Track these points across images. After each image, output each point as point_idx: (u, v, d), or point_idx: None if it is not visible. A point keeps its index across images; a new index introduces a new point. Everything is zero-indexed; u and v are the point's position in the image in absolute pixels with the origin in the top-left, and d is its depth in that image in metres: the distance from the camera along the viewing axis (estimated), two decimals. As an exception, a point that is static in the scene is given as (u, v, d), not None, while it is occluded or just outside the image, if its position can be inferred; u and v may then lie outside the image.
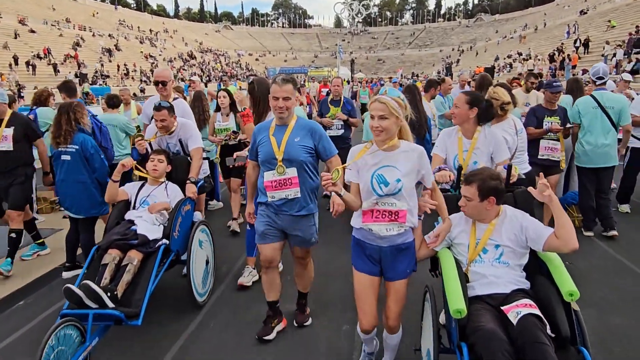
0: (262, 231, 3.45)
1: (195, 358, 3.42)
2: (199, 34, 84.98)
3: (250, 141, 3.66)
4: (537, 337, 2.19)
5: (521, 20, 73.74)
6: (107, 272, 3.43)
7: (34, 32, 47.28)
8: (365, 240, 2.79)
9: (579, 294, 2.38)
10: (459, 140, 3.55)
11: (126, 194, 4.15)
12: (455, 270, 2.65)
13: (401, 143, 2.74)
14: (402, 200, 2.67)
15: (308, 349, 3.54)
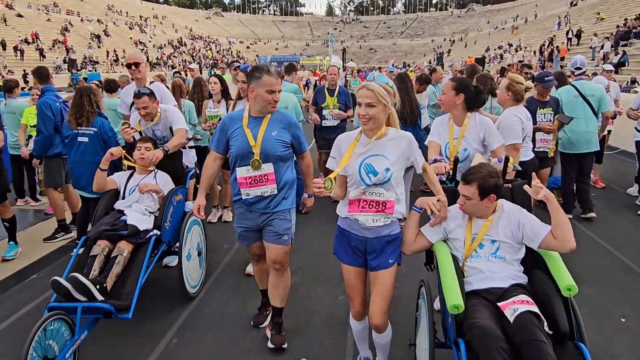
0: (239, 234, 3.36)
1: (189, 349, 3.41)
2: (189, 21, 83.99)
3: None
4: (534, 335, 2.15)
5: (512, 11, 73.84)
6: (96, 263, 3.35)
7: (21, 17, 46.56)
8: (351, 231, 2.70)
9: (577, 288, 2.33)
10: (450, 127, 3.52)
11: (115, 183, 4.07)
12: (452, 265, 2.58)
13: (389, 130, 2.65)
14: (390, 190, 2.59)
15: (307, 315, 3.81)
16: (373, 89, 2.51)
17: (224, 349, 3.41)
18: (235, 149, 3.11)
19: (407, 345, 3.00)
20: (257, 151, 3.08)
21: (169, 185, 4.13)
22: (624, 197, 6.94)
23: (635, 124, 6.49)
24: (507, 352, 2.14)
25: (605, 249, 5.13)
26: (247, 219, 3.26)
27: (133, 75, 4.77)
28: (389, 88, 2.56)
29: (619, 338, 3.48)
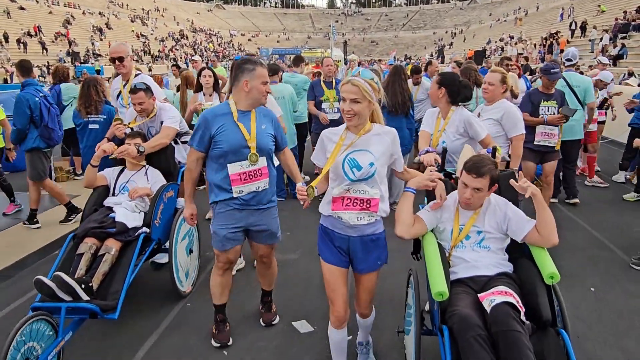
0: (224, 236, 3.12)
1: (177, 347, 3.32)
2: (191, 13, 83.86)
3: None
4: (509, 325, 2.18)
5: (515, 3, 73.56)
6: (82, 262, 3.27)
7: (23, 9, 46.69)
8: (334, 230, 2.62)
9: (559, 277, 2.40)
10: (438, 120, 3.70)
11: (105, 179, 3.99)
12: (438, 254, 2.59)
13: (373, 126, 2.61)
14: (374, 187, 2.54)
15: (306, 286, 4.15)
16: (358, 85, 2.46)
17: (212, 348, 3.31)
18: (226, 144, 2.98)
19: (396, 333, 3.10)
20: (254, 145, 3.03)
21: (160, 182, 4.03)
22: (610, 184, 7.24)
23: (627, 115, 6.76)
24: (484, 339, 2.20)
25: (583, 227, 5.54)
26: (235, 219, 3.11)
27: (117, 70, 4.62)
28: (374, 84, 2.51)
29: (586, 304, 3.83)
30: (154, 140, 4.04)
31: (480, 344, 2.18)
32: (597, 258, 4.65)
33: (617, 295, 3.96)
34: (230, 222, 3.10)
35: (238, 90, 3.05)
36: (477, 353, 2.16)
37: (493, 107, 4.22)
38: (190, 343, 3.36)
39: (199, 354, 3.23)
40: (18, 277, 4.49)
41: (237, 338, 3.38)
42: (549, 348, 2.25)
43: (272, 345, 3.32)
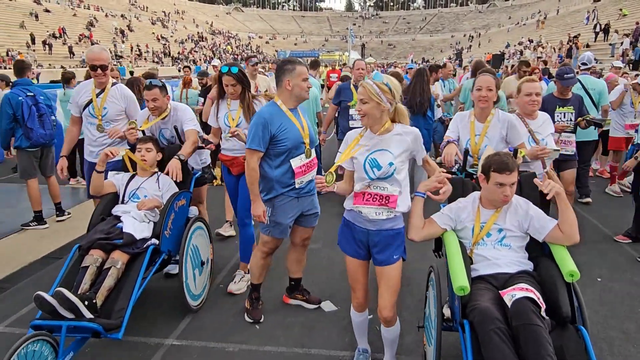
0: (287, 225, 3.41)
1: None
2: (210, 16, 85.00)
3: None
4: (529, 319, 2.23)
5: (535, 6, 73.05)
6: (87, 275, 3.07)
7: (48, 12, 47.92)
8: (355, 223, 2.75)
9: (579, 274, 2.44)
10: (471, 124, 3.50)
11: (113, 186, 3.78)
12: (459, 250, 2.65)
13: (395, 126, 2.69)
14: (394, 185, 2.63)
15: (329, 272, 4.37)
16: (365, 86, 2.57)
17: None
18: (289, 141, 3.22)
19: (416, 328, 3.14)
20: (307, 140, 3.34)
21: (171, 190, 3.80)
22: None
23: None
24: (504, 333, 2.24)
25: (593, 224, 5.71)
26: (296, 207, 3.39)
27: (97, 80, 4.18)
28: (383, 86, 2.57)
29: (592, 291, 4.05)
30: (187, 146, 3.92)
31: (500, 337, 2.22)
32: (605, 252, 4.85)
33: (622, 285, 4.17)
34: (292, 211, 3.40)
35: (282, 90, 3.28)
36: (498, 346, 2.20)
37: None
38: (200, 355, 3.24)
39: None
40: (24, 285, 4.26)
41: (267, 315, 3.68)
42: (568, 344, 2.29)
43: (299, 321, 3.61)
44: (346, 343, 3.30)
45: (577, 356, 2.25)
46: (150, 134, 4.08)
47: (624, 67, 22.21)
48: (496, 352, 2.19)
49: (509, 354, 2.18)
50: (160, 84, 3.98)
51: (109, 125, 4.22)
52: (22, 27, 40.87)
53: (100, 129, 4.24)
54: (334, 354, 3.21)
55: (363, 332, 3.05)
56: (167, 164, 3.71)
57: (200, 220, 3.97)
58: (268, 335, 3.45)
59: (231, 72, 3.73)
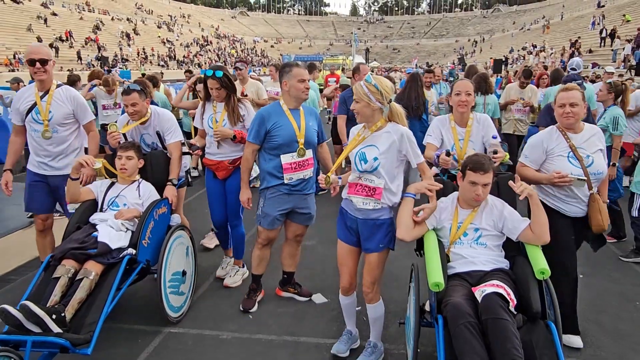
0: (274, 217, 3.60)
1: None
2: (215, 20, 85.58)
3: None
4: (497, 314, 2.34)
5: (539, 11, 73.21)
6: (57, 287, 2.93)
7: (55, 15, 48.42)
8: (347, 210, 2.99)
9: (549, 272, 2.57)
10: (453, 129, 3.56)
11: (91, 193, 3.64)
12: (437, 248, 2.77)
13: (388, 125, 2.86)
14: (380, 178, 2.81)
15: (322, 267, 4.52)
16: (356, 88, 2.82)
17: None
18: (281, 138, 3.45)
19: (397, 323, 3.32)
20: (302, 140, 3.52)
21: (152, 198, 3.68)
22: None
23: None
24: (473, 327, 2.36)
25: None
26: (286, 202, 3.59)
27: (37, 77, 3.73)
28: (372, 87, 2.76)
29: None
30: (175, 166, 3.92)
31: (470, 330, 2.34)
32: (589, 250, 4.99)
33: (601, 281, 4.36)
34: (280, 204, 3.60)
35: (283, 92, 3.57)
36: (467, 339, 2.32)
37: None
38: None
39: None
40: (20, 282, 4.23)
41: (260, 306, 3.89)
42: (538, 339, 2.41)
43: (291, 311, 3.82)
44: (334, 332, 3.49)
45: (546, 350, 2.36)
46: (131, 139, 4.00)
47: (625, 73, 22.35)
48: (465, 345, 2.31)
49: (477, 346, 2.30)
50: (139, 88, 3.94)
51: (56, 131, 3.83)
52: (29, 31, 41.31)
53: (47, 136, 3.80)
54: (321, 341, 3.40)
55: (350, 315, 3.26)
56: (164, 192, 3.78)
57: (182, 229, 3.83)
58: (260, 323, 3.64)
59: (215, 76, 3.82)
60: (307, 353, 3.29)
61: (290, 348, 3.35)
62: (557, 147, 3.21)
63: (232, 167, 4.03)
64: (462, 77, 8.76)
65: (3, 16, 41.31)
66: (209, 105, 4.06)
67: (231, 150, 4.00)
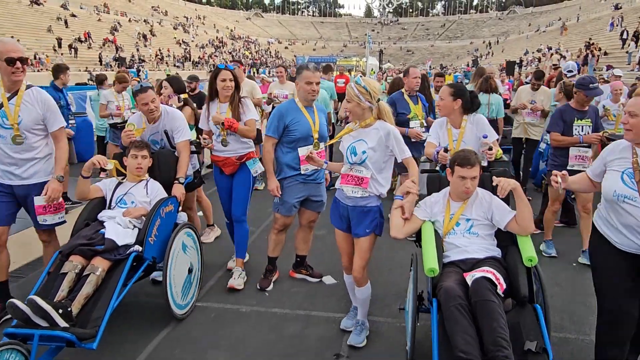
0: (291, 204, 3.95)
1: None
2: (230, 21, 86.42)
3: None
4: (485, 296, 2.51)
5: (555, 13, 72.74)
6: (65, 282, 2.99)
7: (74, 17, 49.41)
8: (339, 199, 3.30)
9: (537, 259, 2.75)
10: (449, 131, 3.78)
11: (100, 191, 3.71)
12: (432, 238, 2.97)
13: (377, 122, 3.16)
14: (368, 169, 3.11)
15: (331, 255, 4.70)
16: (348, 89, 3.13)
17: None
18: (299, 132, 3.81)
19: (397, 309, 3.51)
20: (317, 135, 3.89)
21: (160, 196, 3.72)
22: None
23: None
24: (464, 308, 2.53)
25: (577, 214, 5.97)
26: (302, 190, 3.95)
27: (15, 77, 3.39)
28: (362, 88, 3.05)
29: (565, 274, 4.58)
30: (183, 165, 3.98)
31: (460, 311, 2.51)
32: (564, 232, 5.30)
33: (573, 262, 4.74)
34: (298, 193, 3.96)
35: (297, 91, 3.95)
36: (457, 319, 2.50)
37: None
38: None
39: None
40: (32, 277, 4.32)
41: (275, 285, 4.27)
42: (525, 321, 2.62)
43: (303, 290, 4.21)
44: (342, 307, 3.82)
45: (532, 331, 2.56)
46: (141, 137, 4.01)
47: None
48: (456, 325, 2.49)
49: (467, 326, 2.48)
50: (151, 85, 4.05)
51: (25, 137, 3.44)
52: (49, 32, 42.27)
53: (19, 141, 3.43)
54: (331, 315, 3.76)
55: (354, 291, 3.49)
56: (172, 190, 3.83)
57: (189, 227, 3.89)
58: (275, 300, 4.03)
59: (228, 68, 4.12)
60: (317, 325, 3.65)
61: (302, 321, 3.71)
62: (617, 160, 2.73)
63: (239, 162, 4.23)
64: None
65: (24, 17, 42.36)
66: (213, 106, 4.20)
67: (238, 147, 4.19)
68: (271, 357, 3.27)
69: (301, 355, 3.29)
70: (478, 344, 2.44)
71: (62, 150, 3.61)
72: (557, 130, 4.75)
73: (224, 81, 4.05)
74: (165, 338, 3.48)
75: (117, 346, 3.32)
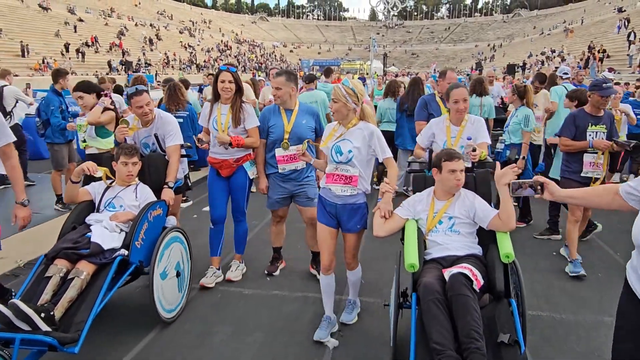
0: (274, 199, 4.24)
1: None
2: (235, 25, 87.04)
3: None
4: (460, 291, 2.61)
5: (560, 16, 72.80)
6: (49, 286, 2.97)
7: (82, 21, 50.01)
8: (326, 198, 3.38)
9: (513, 256, 2.85)
10: (447, 128, 3.89)
11: (89, 194, 3.70)
12: (414, 234, 3.06)
13: (360, 123, 3.29)
14: (355, 168, 3.24)
15: None
16: (336, 89, 3.24)
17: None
18: (274, 134, 4.08)
19: (382, 305, 3.61)
20: (287, 135, 4.05)
21: (149, 200, 3.71)
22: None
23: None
24: (440, 302, 2.62)
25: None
26: (282, 188, 4.18)
27: None
28: (349, 90, 3.20)
29: (544, 265, 4.81)
30: (172, 169, 4.00)
31: (437, 305, 2.61)
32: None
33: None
34: (278, 189, 4.23)
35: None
36: (434, 312, 2.60)
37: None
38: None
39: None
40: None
41: (280, 272, 4.66)
42: (500, 313, 2.74)
43: (301, 275, 4.60)
44: (336, 290, 3.84)
45: (506, 324, 2.68)
46: (132, 141, 4.04)
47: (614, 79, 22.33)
48: (432, 319, 2.60)
49: (442, 319, 2.58)
50: (146, 88, 4.05)
51: None
52: (57, 36, 42.86)
53: None
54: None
55: (328, 295, 3.53)
56: (161, 194, 3.82)
57: (177, 230, 3.85)
58: (275, 284, 4.43)
59: (229, 70, 4.14)
60: (313, 305, 3.98)
61: (299, 302, 4.08)
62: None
63: (236, 165, 4.25)
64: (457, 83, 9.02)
65: (33, 22, 42.97)
66: (216, 107, 4.22)
67: (235, 150, 4.18)
68: (271, 331, 3.62)
69: (298, 330, 3.62)
70: (453, 337, 2.55)
71: (15, 171, 3.26)
72: (567, 135, 4.57)
73: (222, 82, 4.09)
74: (152, 340, 3.46)
75: (102, 350, 3.32)
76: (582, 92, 5.43)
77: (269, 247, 4.74)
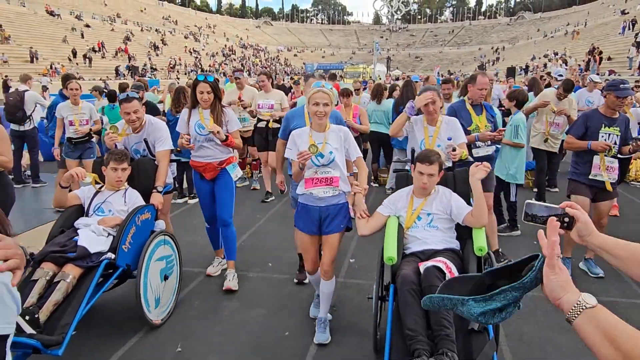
0: (294, 198, 4.07)
1: None
2: (240, 30, 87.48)
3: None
4: (432, 282, 2.72)
5: (564, 18, 72.74)
6: (35, 289, 2.97)
7: (88, 27, 50.57)
8: (308, 204, 3.36)
9: (486, 249, 2.99)
10: (425, 129, 4.00)
11: (78, 199, 3.73)
12: (395, 229, 3.18)
13: (332, 125, 3.39)
14: (335, 169, 3.28)
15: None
16: (327, 92, 3.21)
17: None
18: None
19: (366, 299, 3.78)
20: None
21: (137, 204, 3.73)
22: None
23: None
24: (416, 292, 2.76)
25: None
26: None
27: None
28: (331, 93, 3.26)
29: (526, 252, 4.90)
30: (162, 174, 4.02)
31: (412, 295, 2.75)
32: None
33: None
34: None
35: None
36: (409, 301, 2.76)
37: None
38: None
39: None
40: None
41: (275, 260, 5.08)
42: None
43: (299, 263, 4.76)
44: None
45: None
46: (122, 146, 4.07)
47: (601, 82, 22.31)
48: (407, 307, 2.77)
49: (417, 307, 2.73)
50: (137, 95, 4.04)
51: None
52: (64, 42, 43.38)
53: None
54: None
55: (318, 282, 3.61)
56: (150, 199, 3.83)
57: (165, 234, 3.87)
58: (276, 269, 4.89)
59: (207, 80, 4.09)
60: (310, 286, 4.22)
61: (297, 284, 4.54)
62: None
63: (220, 168, 4.26)
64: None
65: (40, 28, 43.47)
66: (195, 112, 4.20)
67: (218, 152, 4.23)
68: (274, 304, 4.13)
69: (296, 305, 4.10)
70: (425, 324, 2.72)
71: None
72: (573, 134, 4.42)
73: (201, 94, 4.06)
74: (136, 343, 3.47)
75: (86, 352, 3.32)
76: (521, 92, 5.60)
77: (272, 238, 5.57)
